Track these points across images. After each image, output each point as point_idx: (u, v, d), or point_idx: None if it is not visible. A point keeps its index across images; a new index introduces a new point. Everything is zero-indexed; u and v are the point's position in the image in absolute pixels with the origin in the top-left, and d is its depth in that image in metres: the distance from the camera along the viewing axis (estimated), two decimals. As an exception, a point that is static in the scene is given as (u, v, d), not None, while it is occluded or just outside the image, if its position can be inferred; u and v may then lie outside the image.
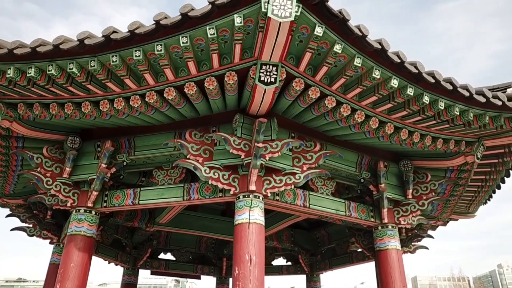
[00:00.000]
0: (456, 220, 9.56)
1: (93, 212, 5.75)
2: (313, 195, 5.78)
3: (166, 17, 4.01)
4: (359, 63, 4.20)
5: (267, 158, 5.02)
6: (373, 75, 4.31)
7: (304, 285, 10.70)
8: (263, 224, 5.02)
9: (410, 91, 4.56)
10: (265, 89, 4.36)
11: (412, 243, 9.03)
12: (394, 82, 4.43)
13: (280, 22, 3.64)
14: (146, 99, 4.71)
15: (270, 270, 11.21)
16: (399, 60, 4.29)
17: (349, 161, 5.97)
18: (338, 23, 3.96)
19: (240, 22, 3.83)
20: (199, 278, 11.92)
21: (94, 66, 4.28)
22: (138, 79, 4.64)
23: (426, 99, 4.68)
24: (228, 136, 4.95)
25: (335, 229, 9.33)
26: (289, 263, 11.28)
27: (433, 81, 4.54)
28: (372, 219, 6.21)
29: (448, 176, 6.58)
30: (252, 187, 5.01)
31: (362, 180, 6.12)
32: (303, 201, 5.63)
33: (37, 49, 4.24)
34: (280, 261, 11.61)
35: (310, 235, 10.28)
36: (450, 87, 4.67)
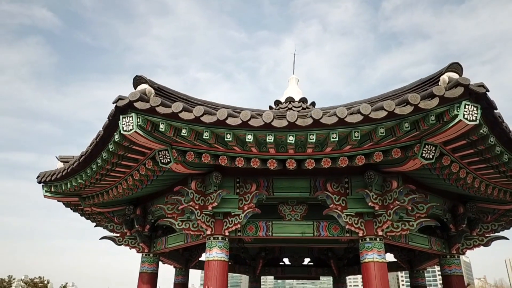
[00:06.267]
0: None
1: (151, 255, 8.25)
2: (276, 224, 6.58)
3: (93, 143, 6.07)
4: (208, 136, 5.14)
5: (210, 208, 6.32)
6: (226, 138, 5.15)
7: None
8: (223, 259, 6.33)
9: (270, 138, 5.08)
10: (168, 167, 5.80)
11: (486, 235, 7.92)
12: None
13: (131, 134, 5.15)
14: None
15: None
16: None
17: (300, 188, 6.44)
18: (172, 114, 5.10)
19: (118, 138, 5.49)
20: (318, 278, 13.07)
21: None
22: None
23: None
24: (179, 197, 6.50)
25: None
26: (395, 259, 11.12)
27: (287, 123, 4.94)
28: (348, 234, 6.40)
29: (433, 173, 6.05)
30: (208, 232, 6.41)
31: (320, 202, 6.44)
32: (266, 231, 6.55)
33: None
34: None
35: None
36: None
